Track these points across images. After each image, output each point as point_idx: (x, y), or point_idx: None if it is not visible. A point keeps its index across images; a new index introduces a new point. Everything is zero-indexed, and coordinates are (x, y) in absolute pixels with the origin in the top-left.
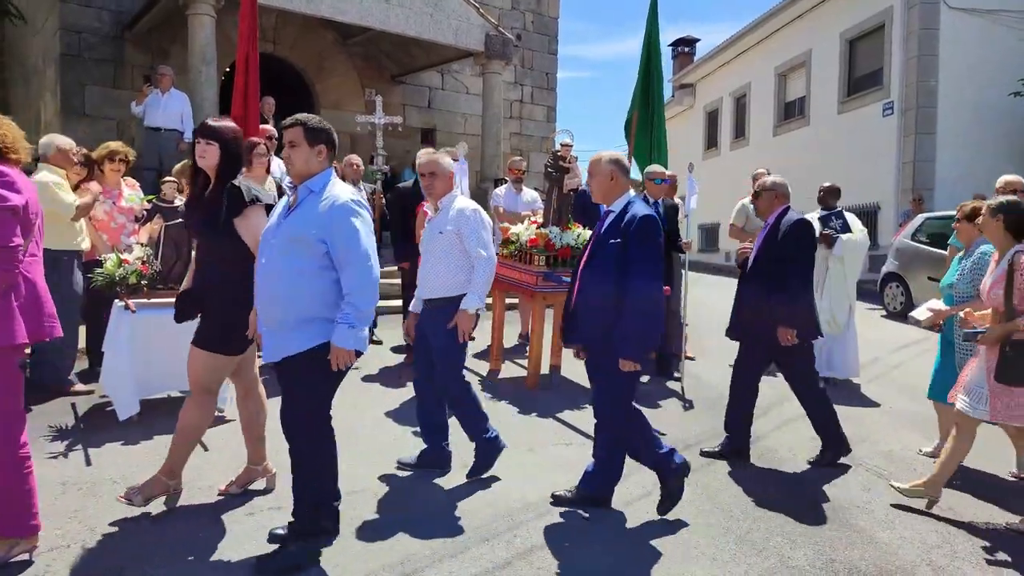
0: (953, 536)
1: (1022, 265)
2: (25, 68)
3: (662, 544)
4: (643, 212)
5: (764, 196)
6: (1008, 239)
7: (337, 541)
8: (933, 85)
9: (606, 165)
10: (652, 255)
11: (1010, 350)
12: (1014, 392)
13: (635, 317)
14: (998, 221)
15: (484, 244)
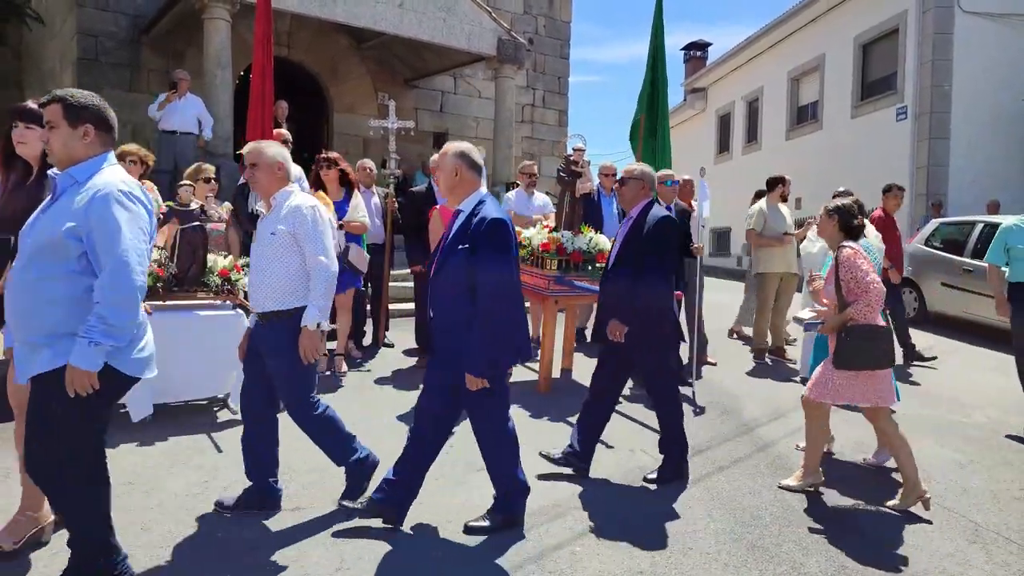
0: (966, 544)
1: (843, 259)
2: (42, 71)
3: (673, 549)
4: (494, 214)
5: (631, 185)
6: (839, 238)
7: (348, 542)
8: (947, 89)
9: (451, 159)
10: (502, 261)
11: (845, 336)
12: (851, 375)
13: (483, 330)
14: (833, 221)
15: (324, 249)
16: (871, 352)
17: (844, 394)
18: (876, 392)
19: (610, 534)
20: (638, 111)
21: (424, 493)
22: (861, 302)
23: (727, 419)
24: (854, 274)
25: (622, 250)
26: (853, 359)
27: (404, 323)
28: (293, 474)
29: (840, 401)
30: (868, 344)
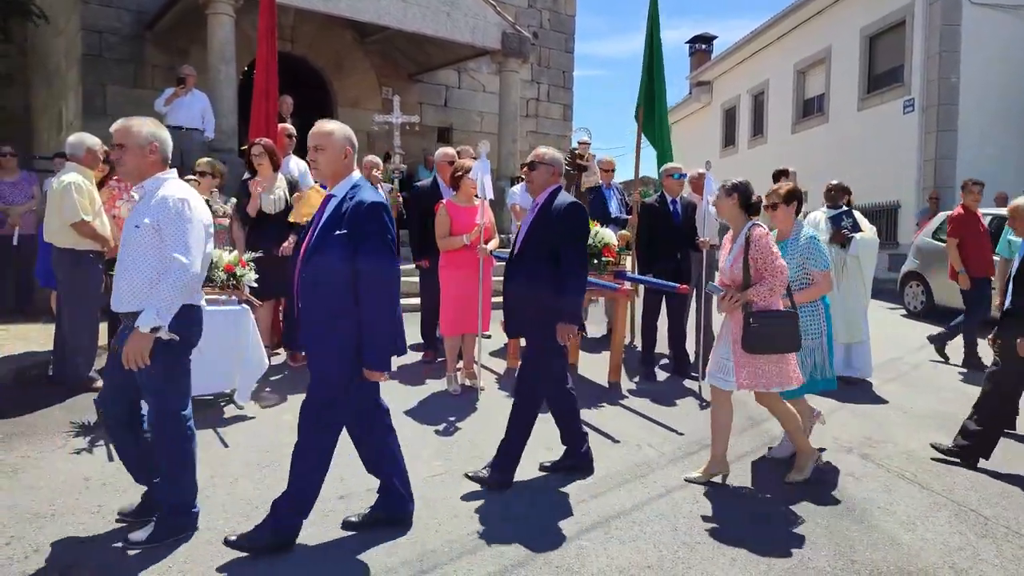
0: (976, 538)
1: (756, 238)
2: (47, 68)
3: (681, 543)
4: (372, 198)
5: (541, 170)
6: (742, 216)
7: (355, 537)
8: (954, 82)
9: (341, 140)
10: (384, 248)
11: (753, 321)
12: (758, 360)
13: (375, 323)
14: (733, 200)
15: (185, 247)
16: (778, 336)
17: (776, 377)
18: (780, 375)
19: (617, 528)
20: (638, 104)
21: (428, 488)
22: (765, 284)
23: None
24: (765, 255)
25: (527, 239)
26: (760, 343)
27: (408, 317)
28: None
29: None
30: (775, 329)
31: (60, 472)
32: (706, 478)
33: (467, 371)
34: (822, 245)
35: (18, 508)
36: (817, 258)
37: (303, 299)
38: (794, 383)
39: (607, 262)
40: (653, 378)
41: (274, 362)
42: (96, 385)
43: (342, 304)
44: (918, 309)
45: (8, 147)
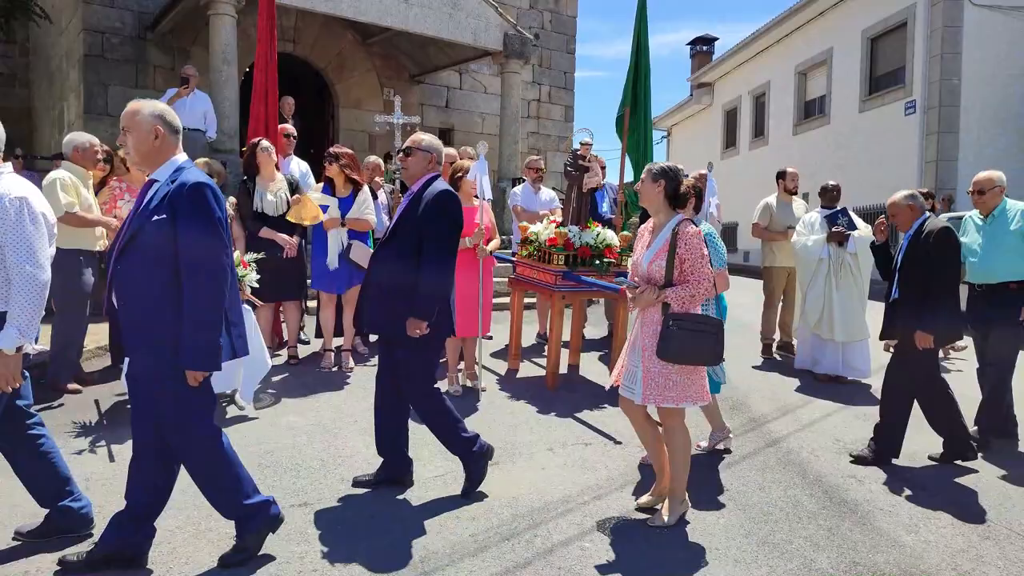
0: (979, 540)
1: (688, 235)
2: (49, 68)
3: (683, 545)
4: (196, 178)
5: (418, 156)
6: (667, 207)
7: (357, 537)
8: (956, 84)
9: (148, 119)
10: (208, 233)
11: (673, 324)
12: (669, 370)
13: (192, 315)
14: (659, 187)
15: (30, 255)
16: (700, 345)
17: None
18: (692, 389)
19: (619, 530)
20: (622, 105)
21: (429, 489)
22: (687, 289)
23: (735, 414)
24: (695, 256)
25: (396, 227)
26: (681, 351)
27: None
28: (299, 469)
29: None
30: (698, 336)
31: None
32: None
33: (468, 372)
34: (719, 242)
35: (19, 508)
36: (714, 256)
37: (119, 294)
38: (705, 399)
39: (608, 263)
40: None
41: (275, 363)
42: (71, 387)
43: (162, 298)
44: None
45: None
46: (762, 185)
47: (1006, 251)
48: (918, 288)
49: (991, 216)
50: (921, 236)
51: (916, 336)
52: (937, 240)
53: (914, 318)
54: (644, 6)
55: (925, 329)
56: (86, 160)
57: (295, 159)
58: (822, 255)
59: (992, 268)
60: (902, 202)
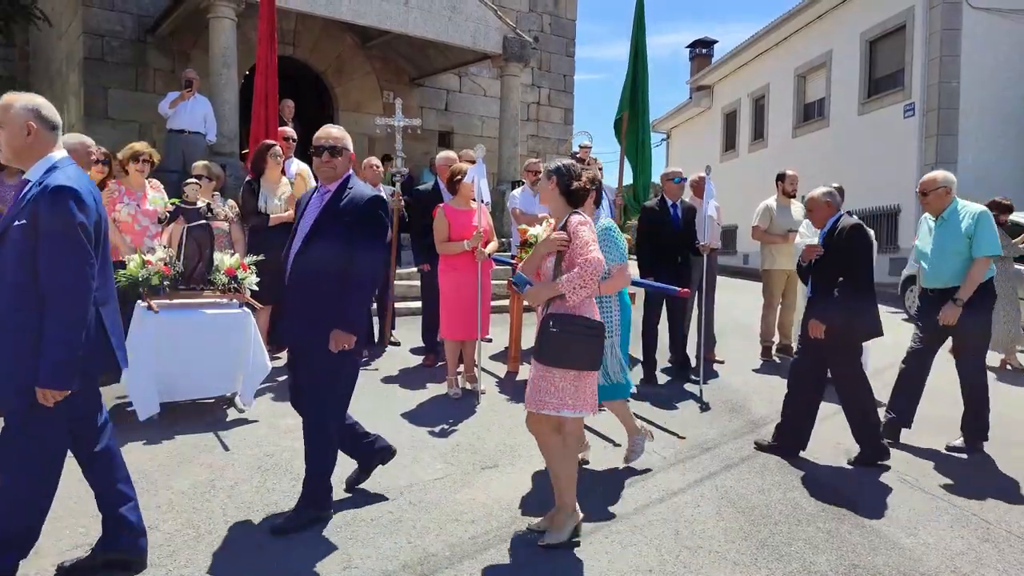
0: (978, 542)
1: (572, 227)
2: (49, 71)
3: (682, 547)
4: (60, 181)
5: (345, 156)
6: (563, 204)
7: (357, 541)
8: (955, 86)
9: (20, 112)
10: (67, 246)
11: (553, 325)
12: (552, 374)
13: (49, 329)
14: (552, 185)
15: None
16: (574, 347)
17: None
18: (575, 396)
19: (618, 532)
20: (620, 109)
21: (428, 492)
22: (575, 274)
23: (735, 417)
24: (578, 243)
25: (317, 230)
26: (557, 354)
27: (410, 322)
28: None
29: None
30: (575, 338)
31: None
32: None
33: (467, 375)
34: (620, 238)
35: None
36: (613, 251)
37: None
38: (589, 409)
39: None
40: (654, 382)
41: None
42: None
43: (17, 311)
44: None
45: None
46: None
47: (953, 255)
48: (830, 285)
49: (941, 218)
50: (835, 233)
51: (809, 324)
52: (850, 238)
53: (827, 314)
54: (642, 9)
55: (819, 318)
56: (80, 161)
57: (296, 161)
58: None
59: (939, 272)
60: (820, 199)
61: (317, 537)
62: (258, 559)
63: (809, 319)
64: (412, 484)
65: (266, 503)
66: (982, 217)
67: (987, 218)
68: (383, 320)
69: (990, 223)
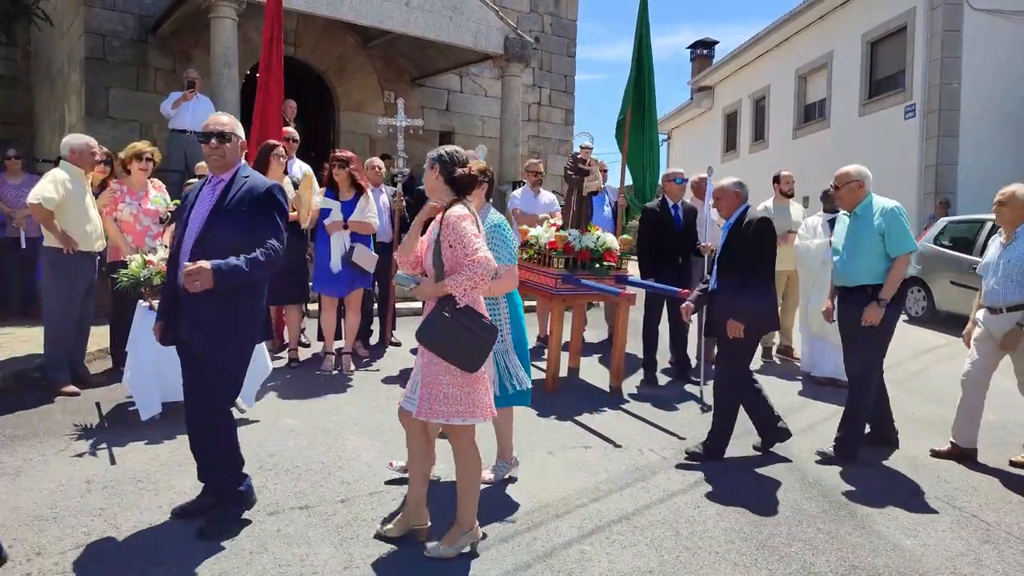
0: (978, 544)
1: (450, 219)
2: (51, 71)
3: (683, 548)
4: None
5: (235, 142)
6: (449, 194)
7: (358, 540)
8: (956, 87)
9: None
10: None
11: (448, 311)
12: (440, 381)
13: None
14: (435, 173)
15: None
16: (459, 341)
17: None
18: (466, 403)
19: (619, 533)
20: (623, 109)
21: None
22: (463, 275)
23: None
24: (461, 240)
25: (211, 224)
26: (439, 339)
27: (411, 322)
28: (300, 472)
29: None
30: (465, 332)
31: (62, 475)
32: (454, 551)
33: None
34: (511, 236)
35: (20, 511)
36: (502, 250)
37: None
38: (482, 415)
39: (609, 267)
40: (655, 383)
41: (276, 365)
42: (66, 390)
43: None
44: (919, 314)
45: (13, 150)
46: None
47: (864, 251)
48: (736, 277)
49: (854, 214)
50: (741, 225)
51: (728, 324)
52: (756, 229)
53: (730, 307)
54: (646, 10)
55: (737, 318)
56: (83, 161)
57: (297, 161)
58: (825, 259)
59: (848, 269)
60: (729, 188)
61: (318, 537)
62: (260, 559)
63: (719, 316)
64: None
65: (268, 503)
66: (893, 214)
67: (898, 215)
68: (384, 320)
69: (901, 219)
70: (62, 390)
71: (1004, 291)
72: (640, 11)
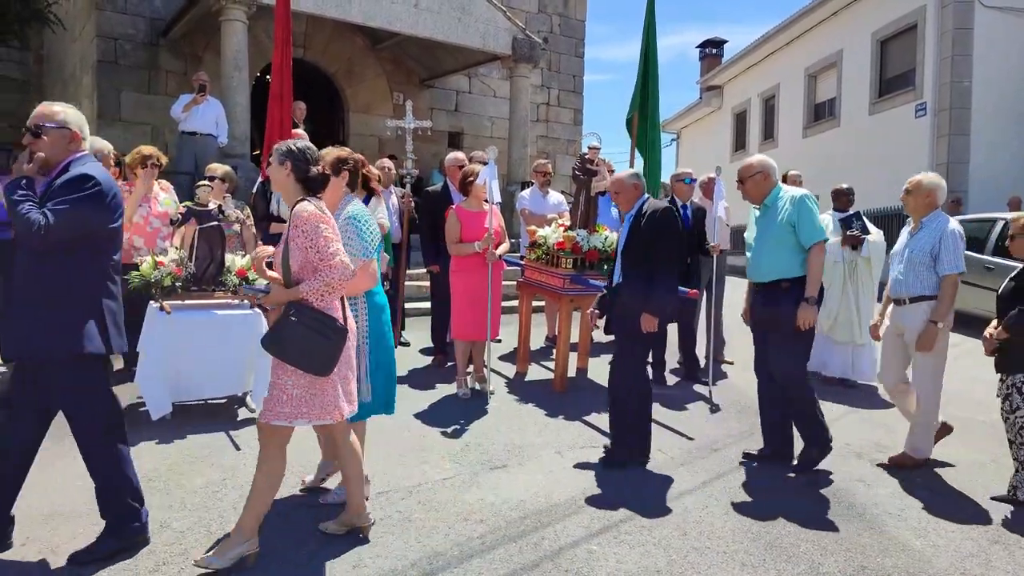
0: (988, 545)
1: (300, 218)
2: (63, 74)
3: (691, 548)
4: None
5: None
6: (299, 191)
7: (367, 539)
8: (967, 86)
9: None
10: None
11: (293, 314)
12: (285, 383)
13: None
14: (286, 171)
15: None
16: (313, 348)
17: (304, 406)
18: (312, 404)
19: (627, 532)
20: (631, 109)
21: (437, 491)
22: (319, 280)
23: (743, 418)
24: (314, 241)
25: None
26: (287, 348)
27: (420, 322)
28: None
29: (294, 419)
30: (315, 336)
31: (74, 473)
32: (340, 529)
33: (477, 375)
34: (366, 228)
35: (32, 509)
36: (355, 244)
37: None
38: (331, 416)
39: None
40: (663, 382)
41: None
42: None
43: None
44: None
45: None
46: None
47: (773, 245)
48: (641, 271)
49: (764, 206)
50: (643, 217)
51: (643, 319)
52: (658, 220)
53: (638, 302)
54: (652, 12)
55: (650, 311)
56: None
57: None
58: (837, 259)
59: (761, 263)
60: (628, 180)
61: (327, 537)
62: (269, 559)
63: (626, 312)
64: (421, 484)
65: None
66: (802, 202)
67: (807, 203)
68: (393, 320)
69: (810, 208)
70: None
71: (906, 280)
72: (647, 13)
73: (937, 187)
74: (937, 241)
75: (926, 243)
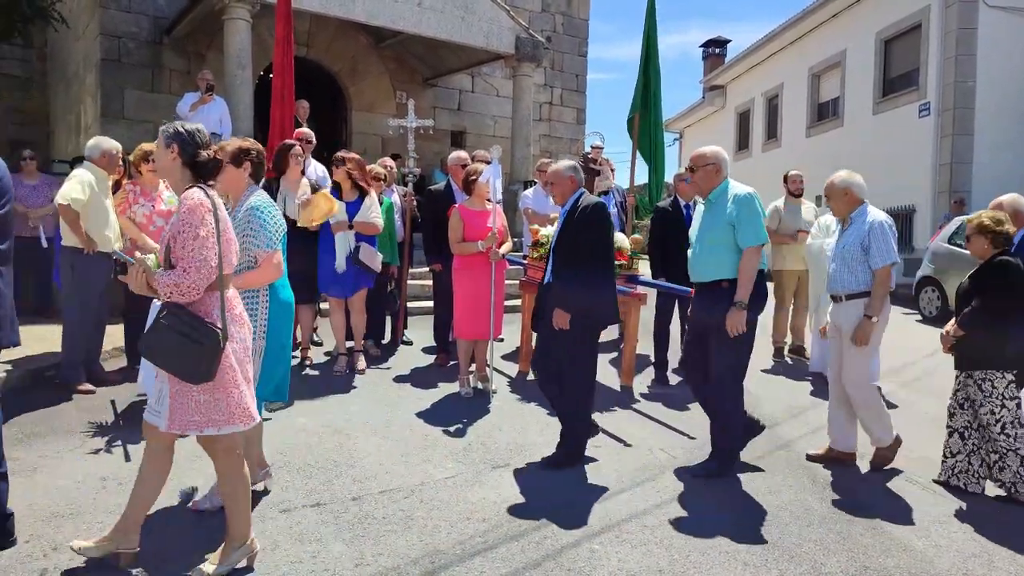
0: (991, 545)
1: (182, 207)
2: (67, 73)
3: (693, 547)
4: None
5: None
6: (190, 178)
7: (368, 538)
8: (971, 85)
9: None
10: None
11: (163, 316)
12: (188, 389)
13: None
14: (172, 154)
15: None
16: (182, 352)
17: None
18: (218, 410)
19: (629, 531)
20: (632, 109)
21: (439, 490)
22: (173, 274)
23: None
24: (186, 232)
25: None
26: (155, 350)
27: (422, 321)
28: (311, 470)
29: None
30: (184, 341)
31: (77, 472)
32: (103, 552)
33: (480, 374)
34: (268, 218)
35: (36, 507)
36: (259, 235)
37: None
38: (240, 422)
39: (619, 266)
40: (665, 382)
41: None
42: (82, 388)
43: None
44: (933, 314)
45: (29, 151)
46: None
47: (716, 242)
48: (571, 266)
49: (709, 201)
50: (576, 212)
51: (554, 314)
52: (591, 214)
53: (560, 298)
54: (653, 13)
55: (563, 307)
56: (111, 165)
57: (313, 162)
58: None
59: (701, 262)
60: (564, 172)
61: (330, 534)
62: (271, 557)
63: (550, 307)
64: (424, 482)
65: (279, 500)
66: (746, 201)
67: (749, 202)
68: (396, 319)
69: (753, 207)
70: (78, 388)
71: (840, 277)
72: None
73: (850, 183)
74: (866, 234)
75: (855, 238)
